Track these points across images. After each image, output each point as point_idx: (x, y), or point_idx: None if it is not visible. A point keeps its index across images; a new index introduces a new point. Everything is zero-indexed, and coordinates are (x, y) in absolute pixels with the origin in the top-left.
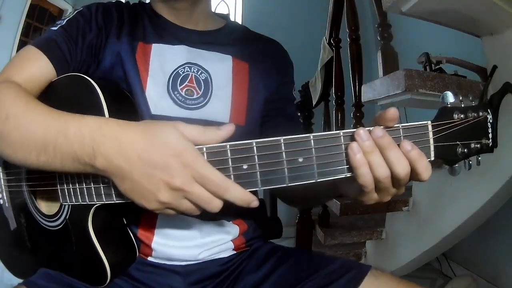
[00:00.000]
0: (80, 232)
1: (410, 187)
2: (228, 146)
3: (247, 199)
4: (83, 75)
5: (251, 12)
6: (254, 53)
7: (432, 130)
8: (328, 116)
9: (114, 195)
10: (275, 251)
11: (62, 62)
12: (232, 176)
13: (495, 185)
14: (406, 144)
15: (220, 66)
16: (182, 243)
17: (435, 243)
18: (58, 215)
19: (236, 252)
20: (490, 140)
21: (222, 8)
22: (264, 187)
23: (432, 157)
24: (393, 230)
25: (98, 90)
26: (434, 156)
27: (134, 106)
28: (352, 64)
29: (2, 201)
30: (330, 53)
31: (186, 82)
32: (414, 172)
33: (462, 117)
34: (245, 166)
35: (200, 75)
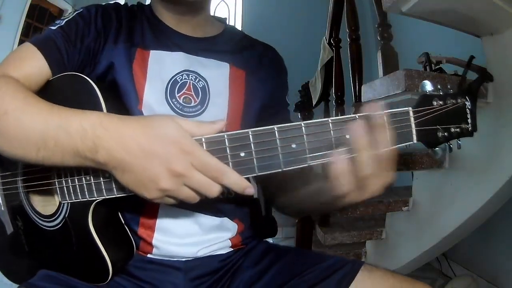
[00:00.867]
0: (80, 229)
1: (410, 187)
2: (225, 136)
3: (243, 185)
4: (82, 75)
5: (251, 12)
6: (251, 60)
7: (413, 115)
8: (328, 116)
9: (115, 189)
10: (271, 250)
11: (59, 64)
12: (230, 163)
13: (495, 185)
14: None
15: (217, 74)
16: (182, 240)
17: (435, 243)
18: (57, 215)
19: (233, 249)
20: (469, 125)
21: (222, 8)
22: (260, 173)
23: (414, 140)
24: (393, 230)
25: (96, 89)
26: (416, 139)
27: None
28: (352, 64)
29: None
30: (330, 53)
31: (184, 89)
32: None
33: (441, 103)
34: (242, 154)
35: (197, 83)
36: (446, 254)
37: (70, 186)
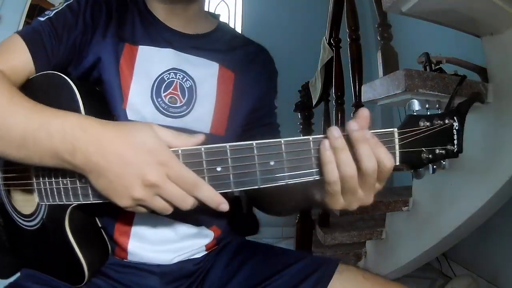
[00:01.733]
0: (57, 231)
1: (410, 187)
2: (202, 149)
3: (217, 200)
4: (62, 74)
5: (251, 12)
6: (242, 61)
7: (398, 137)
8: (328, 116)
9: (91, 195)
10: (243, 247)
11: (42, 59)
12: (206, 177)
13: (495, 185)
14: (367, 132)
15: (205, 74)
16: (157, 247)
17: (435, 243)
18: (35, 215)
19: (207, 251)
20: (455, 146)
21: (222, 8)
22: (236, 189)
23: (397, 161)
24: (393, 230)
25: (75, 90)
26: (399, 161)
27: (112, 107)
28: (352, 64)
29: None
30: (330, 53)
31: (170, 89)
32: (379, 163)
33: (428, 124)
34: (219, 169)
35: (185, 83)
36: (446, 254)
37: (48, 189)
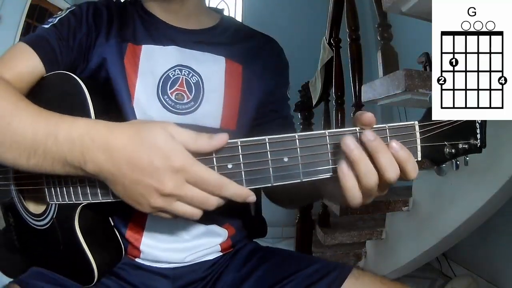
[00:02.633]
0: (67, 231)
1: (410, 187)
2: None
3: (244, 194)
4: (71, 74)
5: (251, 12)
6: (249, 53)
7: (419, 130)
8: (328, 116)
9: (100, 194)
10: (257, 251)
11: (52, 62)
12: None
13: (495, 185)
14: (395, 144)
15: (212, 69)
16: (170, 245)
17: (435, 243)
18: (45, 214)
19: (222, 253)
20: (478, 140)
21: (222, 7)
22: (249, 187)
23: (419, 157)
24: (393, 230)
25: (84, 89)
26: (421, 156)
27: (120, 106)
28: (352, 64)
29: None
30: (330, 53)
31: (177, 85)
32: (402, 173)
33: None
34: (229, 166)
35: (191, 78)
36: (446, 254)
37: (58, 188)
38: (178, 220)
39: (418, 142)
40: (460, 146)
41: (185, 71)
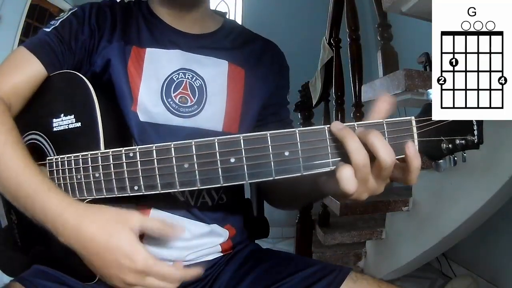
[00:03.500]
0: None
1: (410, 187)
2: (216, 140)
3: (190, 274)
4: (78, 73)
5: (251, 12)
6: (251, 57)
7: (416, 125)
8: (328, 116)
9: (104, 190)
10: (257, 253)
11: (54, 65)
12: (219, 169)
13: (495, 185)
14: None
15: (215, 72)
16: (171, 244)
17: (435, 243)
18: None
19: (222, 254)
20: (476, 136)
21: (222, 8)
22: (251, 181)
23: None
24: (393, 230)
25: (91, 88)
26: (418, 150)
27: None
28: (352, 64)
29: None
30: (330, 53)
31: (180, 89)
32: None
33: None
34: (232, 160)
35: (194, 82)
36: (446, 254)
37: (62, 184)
38: (179, 219)
39: (415, 137)
40: (457, 141)
41: (188, 75)
